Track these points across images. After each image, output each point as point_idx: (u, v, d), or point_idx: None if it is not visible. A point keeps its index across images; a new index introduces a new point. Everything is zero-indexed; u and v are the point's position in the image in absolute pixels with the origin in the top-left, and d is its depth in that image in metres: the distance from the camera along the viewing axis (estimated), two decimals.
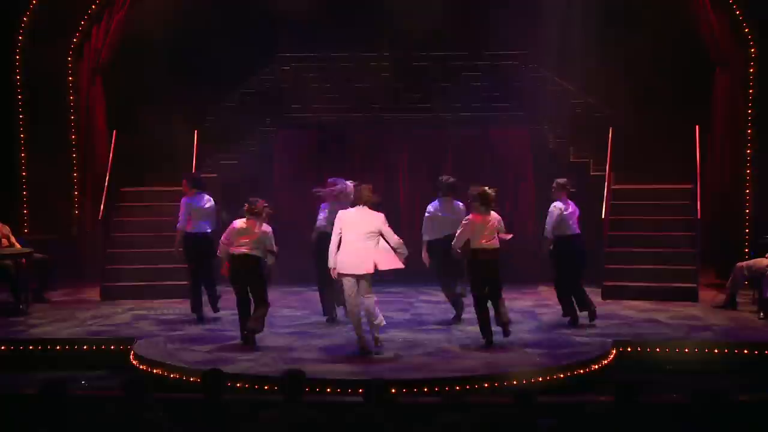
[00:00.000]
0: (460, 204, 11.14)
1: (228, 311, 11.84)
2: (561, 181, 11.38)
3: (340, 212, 9.88)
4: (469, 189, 10.34)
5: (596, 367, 9.58)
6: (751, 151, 13.94)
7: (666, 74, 14.50)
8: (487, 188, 10.10)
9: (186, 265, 12.01)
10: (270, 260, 10.27)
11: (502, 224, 10.20)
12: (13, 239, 12.95)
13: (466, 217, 10.17)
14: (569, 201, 11.31)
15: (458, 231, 10.12)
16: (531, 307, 12.37)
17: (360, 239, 9.56)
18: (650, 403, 7.18)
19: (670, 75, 14.49)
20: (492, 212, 10.08)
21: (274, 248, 10.24)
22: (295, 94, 15.14)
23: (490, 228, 10.01)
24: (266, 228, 10.20)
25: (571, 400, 8.09)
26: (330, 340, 10.47)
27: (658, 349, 10.27)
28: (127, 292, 13.18)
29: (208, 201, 11.88)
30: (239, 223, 10.21)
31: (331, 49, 14.90)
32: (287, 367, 6.93)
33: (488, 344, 10.03)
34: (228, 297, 11.23)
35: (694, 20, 13.93)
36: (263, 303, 10.23)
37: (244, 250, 10.11)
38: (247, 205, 10.24)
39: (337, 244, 9.64)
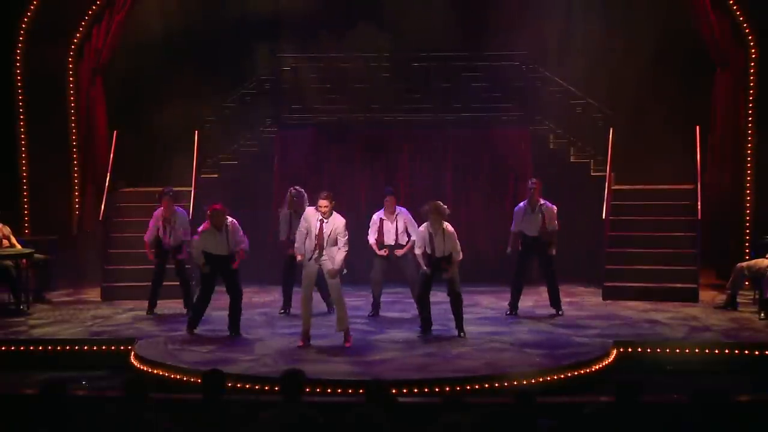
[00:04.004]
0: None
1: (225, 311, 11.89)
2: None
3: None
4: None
5: (596, 367, 9.59)
6: (751, 151, 13.94)
7: (666, 74, 14.49)
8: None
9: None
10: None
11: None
12: (13, 240, 12.95)
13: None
14: None
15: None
16: (531, 307, 12.35)
17: None
18: (650, 403, 7.17)
19: (671, 75, 14.48)
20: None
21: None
22: (295, 94, 15.11)
23: None
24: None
25: (571, 400, 8.09)
26: (330, 340, 10.47)
27: (658, 350, 10.29)
28: (128, 293, 13.17)
29: None
30: None
31: (331, 49, 14.88)
32: (287, 367, 6.92)
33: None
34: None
35: (694, 20, 13.93)
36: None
37: None
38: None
39: None
